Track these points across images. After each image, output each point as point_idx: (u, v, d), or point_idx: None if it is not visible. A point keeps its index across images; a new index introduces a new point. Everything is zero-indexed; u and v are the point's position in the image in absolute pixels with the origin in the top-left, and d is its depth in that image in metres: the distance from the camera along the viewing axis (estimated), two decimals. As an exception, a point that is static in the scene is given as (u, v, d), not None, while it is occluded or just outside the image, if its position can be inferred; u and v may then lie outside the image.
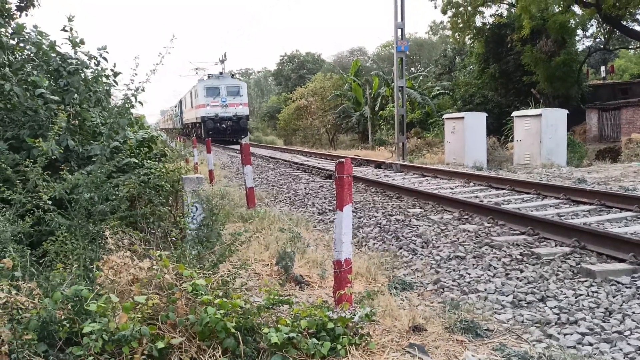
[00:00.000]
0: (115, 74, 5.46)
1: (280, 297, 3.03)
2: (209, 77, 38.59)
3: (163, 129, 57.62)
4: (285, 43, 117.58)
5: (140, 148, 5.65)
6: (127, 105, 5.06)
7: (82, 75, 5.39)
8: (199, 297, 2.77)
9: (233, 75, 38.15)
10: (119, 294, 2.80)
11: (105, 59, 5.51)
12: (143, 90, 4.98)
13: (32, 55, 5.35)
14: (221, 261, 3.78)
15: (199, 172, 12.74)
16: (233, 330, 2.63)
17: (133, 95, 4.92)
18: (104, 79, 5.55)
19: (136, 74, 4.93)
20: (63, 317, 2.53)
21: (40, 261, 3.33)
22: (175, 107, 60.13)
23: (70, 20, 5.35)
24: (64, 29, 5.36)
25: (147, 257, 3.38)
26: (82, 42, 5.43)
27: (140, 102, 5.40)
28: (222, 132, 35.44)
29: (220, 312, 2.66)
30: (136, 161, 4.97)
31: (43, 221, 3.57)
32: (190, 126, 45.03)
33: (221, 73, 38.87)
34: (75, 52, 5.51)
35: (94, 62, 5.53)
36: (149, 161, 5.25)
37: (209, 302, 2.71)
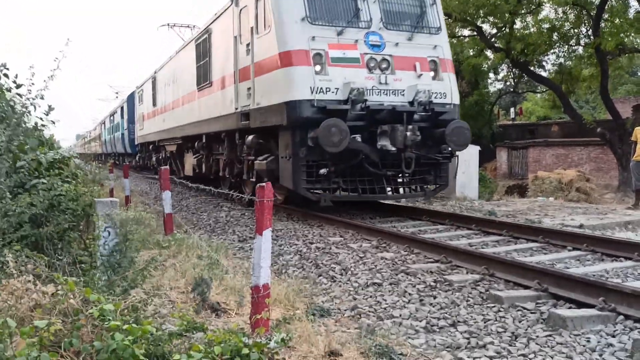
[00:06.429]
0: (18, 86, 5.21)
1: (194, 324, 2.94)
2: None
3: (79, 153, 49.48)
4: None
5: (50, 169, 5.37)
6: (28, 123, 4.85)
7: None
8: (106, 323, 2.63)
9: None
10: (19, 321, 2.61)
11: (6, 75, 5.27)
12: (42, 98, 4.78)
13: None
14: (132, 287, 3.63)
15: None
16: (142, 357, 2.50)
17: (32, 104, 4.73)
18: (7, 94, 5.30)
19: (33, 83, 4.76)
20: (-48, 344, 2.32)
21: None
22: (112, 115, 34.97)
23: None
24: None
25: (52, 282, 3.19)
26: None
27: (52, 121, 5.16)
28: (378, 157, 9.05)
29: (129, 339, 2.53)
30: (45, 182, 4.71)
31: None
32: (176, 151, 17.82)
33: None
34: None
35: None
36: (59, 182, 4.99)
37: (116, 328, 2.58)
